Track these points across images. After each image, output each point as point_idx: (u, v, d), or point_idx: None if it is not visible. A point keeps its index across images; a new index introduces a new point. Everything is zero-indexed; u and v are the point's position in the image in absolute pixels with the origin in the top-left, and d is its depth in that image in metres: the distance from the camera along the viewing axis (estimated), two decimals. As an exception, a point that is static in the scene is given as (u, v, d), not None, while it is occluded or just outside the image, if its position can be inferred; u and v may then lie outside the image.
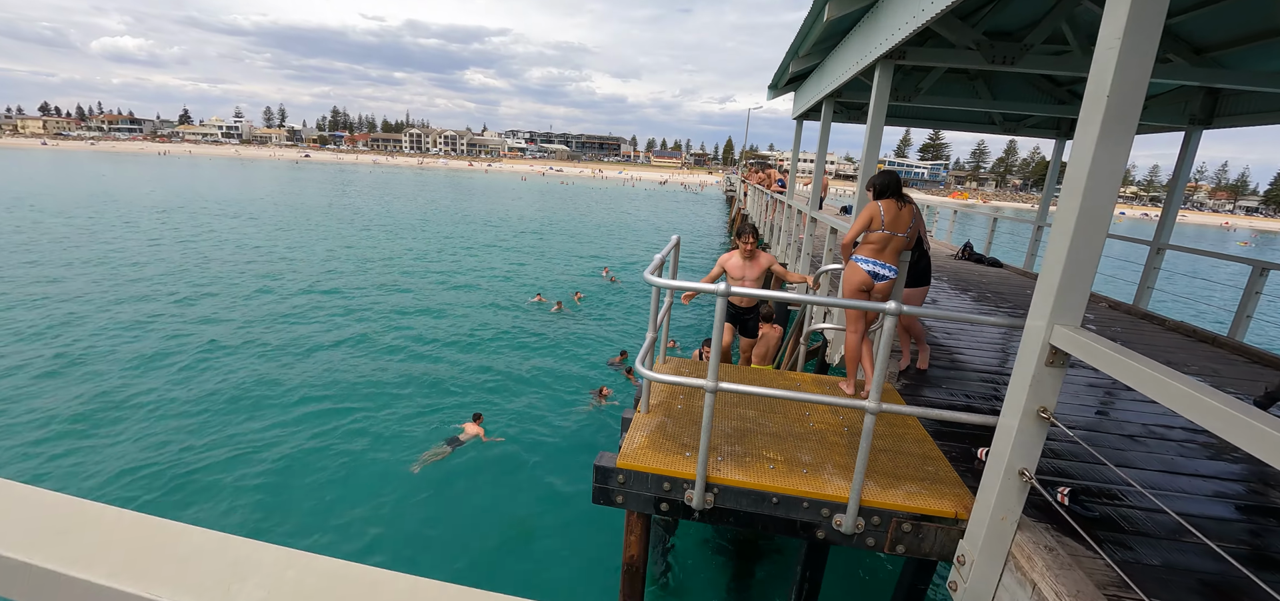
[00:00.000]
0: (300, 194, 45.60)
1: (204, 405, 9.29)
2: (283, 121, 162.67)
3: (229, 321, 13.25)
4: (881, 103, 5.22)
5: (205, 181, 51.40)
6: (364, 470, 7.89)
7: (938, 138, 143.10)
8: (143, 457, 7.73)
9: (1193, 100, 7.47)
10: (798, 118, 10.70)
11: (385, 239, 26.14)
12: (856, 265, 4.00)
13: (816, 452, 3.25)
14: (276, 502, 7.06)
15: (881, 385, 2.70)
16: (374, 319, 14.19)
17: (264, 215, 31.39)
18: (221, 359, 11.10)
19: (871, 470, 3.11)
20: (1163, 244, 7.89)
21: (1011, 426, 2.45)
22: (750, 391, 2.72)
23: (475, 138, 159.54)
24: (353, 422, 9.12)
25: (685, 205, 60.02)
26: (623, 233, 34.43)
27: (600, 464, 3.02)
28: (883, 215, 3.90)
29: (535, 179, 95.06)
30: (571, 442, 9.01)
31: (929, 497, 2.92)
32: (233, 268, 18.45)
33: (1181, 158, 7.72)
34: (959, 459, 3.41)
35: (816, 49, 7.44)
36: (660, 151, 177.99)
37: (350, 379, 10.56)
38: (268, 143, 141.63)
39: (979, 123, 10.86)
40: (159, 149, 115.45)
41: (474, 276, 19.39)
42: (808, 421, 3.63)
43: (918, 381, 4.64)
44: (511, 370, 11.45)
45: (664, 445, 3.19)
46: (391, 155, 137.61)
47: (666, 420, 3.50)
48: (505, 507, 7.35)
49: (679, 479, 2.95)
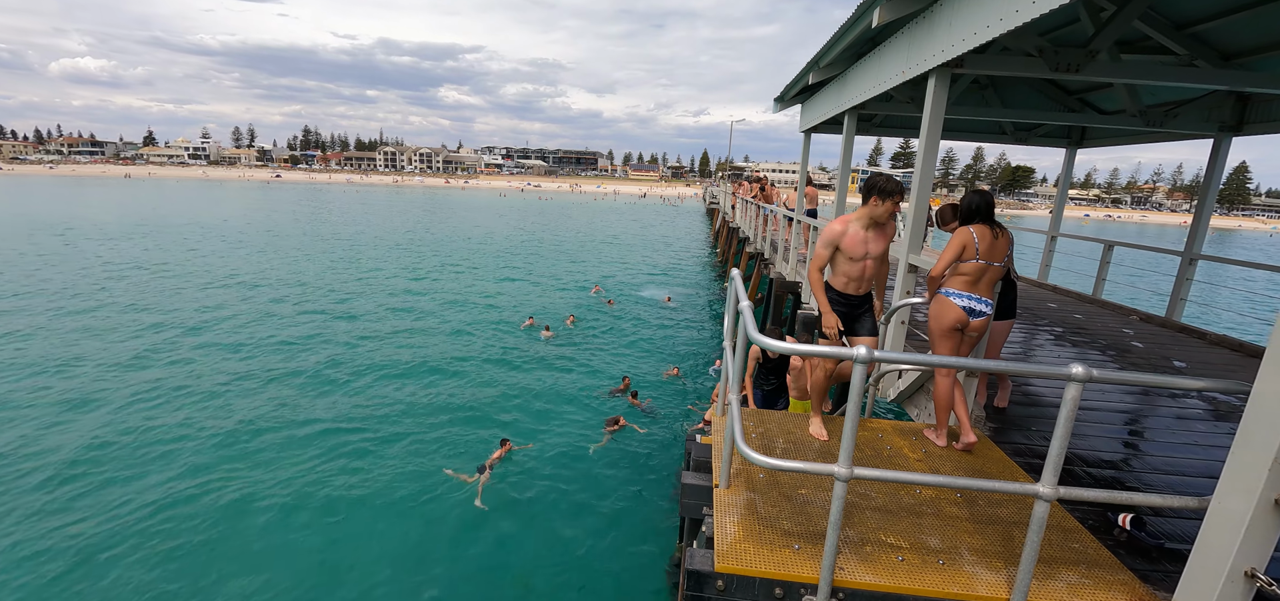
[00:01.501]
0: (271, 216, 44.07)
1: (181, 435, 8.43)
2: (252, 141, 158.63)
3: (192, 360, 12.29)
4: (937, 114, 4.79)
5: (171, 205, 49.39)
6: (346, 513, 7.16)
7: (907, 146, 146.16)
8: (128, 497, 6.88)
9: (1222, 107, 7.25)
10: (806, 131, 10.32)
11: (366, 262, 25.14)
12: (949, 300, 3.51)
13: (943, 534, 2.72)
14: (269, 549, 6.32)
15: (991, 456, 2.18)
16: (355, 348, 13.34)
17: (234, 239, 30.07)
18: (198, 397, 10.18)
19: (1014, 554, 2.59)
20: (1196, 254, 7.64)
21: (1237, 515, 1.96)
22: (896, 478, 2.18)
23: (451, 155, 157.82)
24: (329, 462, 8.35)
25: (667, 218, 59.80)
26: (609, 248, 33.89)
27: (694, 567, 2.44)
28: (977, 243, 3.43)
29: (514, 195, 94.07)
30: (583, 483, 8.36)
31: (1097, 590, 2.41)
32: (191, 295, 17.36)
33: (1212, 164, 7.51)
34: (1096, 527, 2.92)
35: (842, 58, 7.03)
36: (637, 165, 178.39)
37: (327, 414, 9.74)
38: (236, 163, 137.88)
39: (988, 132, 10.63)
40: (123, 171, 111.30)
41: (461, 300, 18.59)
42: (914, 487, 3.10)
43: (1002, 424, 4.17)
44: (508, 403, 10.75)
45: (763, 535, 2.63)
46: (366, 174, 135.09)
47: (754, 496, 2.94)
48: (513, 562, 6.70)
49: (794, 583, 2.39)
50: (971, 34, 3.96)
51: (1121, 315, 8.20)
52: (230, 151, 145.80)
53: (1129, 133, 8.88)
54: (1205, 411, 4.69)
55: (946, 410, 3.62)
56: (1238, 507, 1.97)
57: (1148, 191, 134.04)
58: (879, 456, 3.51)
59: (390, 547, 6.85)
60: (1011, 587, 2.40)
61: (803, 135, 10.67)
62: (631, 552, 7.12)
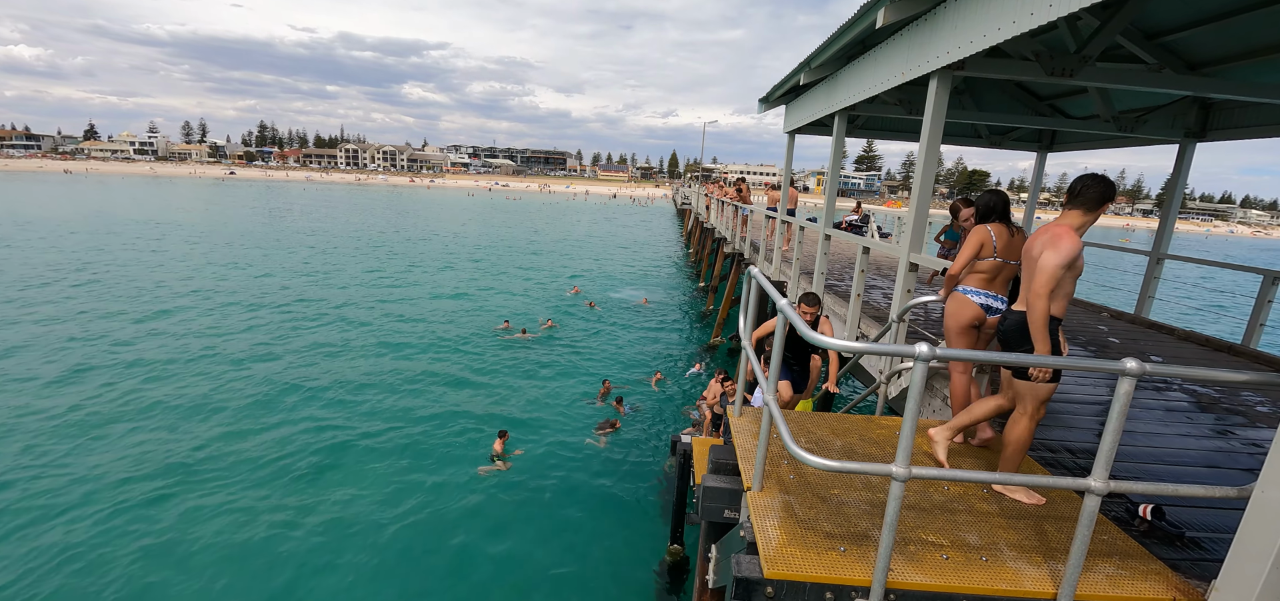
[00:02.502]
0: (223, 215, 42.21)
1: (163, 456, 7.92)
2: (204, 136, 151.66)
3: (163, 372, 11.63)
4: (939, 116, 4.87)
5: (118, 203, 46.77)
6: (327, 523, 6.86)
7: (871, 149, 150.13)
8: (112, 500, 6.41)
9: (1188, 113, 7.61)
10: (791, 132, 10.41)
11: (332, 263, 24.28)
12: (965, 298, 3.55)
13: (979, 531, 2.73)
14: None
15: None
16: (327, 353, 12.85)
17: (190, 240, 28.65)
18: (166, 413, 9.61)
19: (1058, 549, 2.62)
20: (1162, 254, 8.00)
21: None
22: (956, 476, 2.16)
23: (416, 153, 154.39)
24: (302, 473, 8.00)
25: (638, 219, 59.83)
26: (583, 248, 33.66)
27: (743, 575, 2.38)
28: (995, 241, 3.47)
29: (482, 195, 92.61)
30: (573, 487, 8.23)
31: (1134, 582, 2.45)
32: (139, 298, 16.46)
33: (1177, 169, 7.87)
34: (1118, 518, 2.99)
35: (834, 59, 7.10)
36: (606, 165, 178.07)
37: (294, 430, 9.32)
38: (187, 159, 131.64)
39: (964, 136, 10.92)
40: (63, 166, 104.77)
41: (432, 303, 18.13)
42: (942, 484, 3.11)
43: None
44: (489, 409, 10.51)
45: (806, 538, 2.59)
46: (327, 172, 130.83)
47: (789, 498, 2.89)
48: (509, 562, 6.53)
49: (845, 586, 2.36)
50: (981, 36, 4.02)
51: (1093, 312, 8.53)
52: (180, 147, 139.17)
53: (1097, 137, 9.24)
54: (1190, 404, 4.89)
55: (962, 406, 3.65)
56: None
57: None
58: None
59: (384, 552, 6.60)
60: (1054, 581, 2.42)
61: (786, 136, 10.75)
62: (622, 555, 7.04)
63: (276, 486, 7.77)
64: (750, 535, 2.63)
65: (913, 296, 4.86)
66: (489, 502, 7.77)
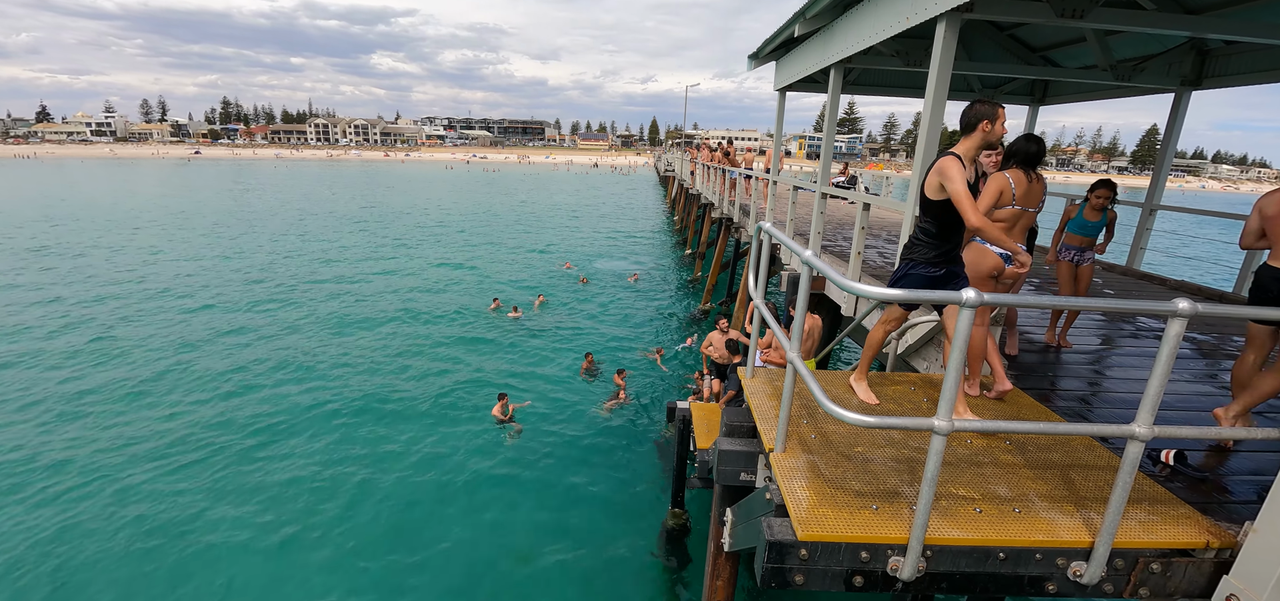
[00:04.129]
0: (196, 199, 40.84)
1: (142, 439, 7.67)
2: (164, 115, 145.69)
3: (136, 349, 11.24)
4: (946, 64, 4.68)
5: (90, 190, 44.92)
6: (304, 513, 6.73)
7: (852, 110, 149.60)
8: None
9: (1184, 61, 7.55)
10: (781, 89, 10.16)
11: (315, 243, 23.61)
12: (984, 248, 3.45)
13: (1008, 483, 2.67)
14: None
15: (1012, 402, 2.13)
16: (312, 336, 12.53)
17: (148, 225, 27.66)
18: (153, 393, 9.29)
19: (1087, 497, 2.57)
20: (1155, 205, 8.02)
21: (1332, 446, 1.95)
22: (1001, 427, 2.07)
23: (389, 126, 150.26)
24: (287, 463, 7.82)
25: (621, 188, 59.20)
26: (568, 220, 33.21)
27: (776, 539, 2.29)
28: (1014, 188, 3.36)
29: (461, 168, 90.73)
30: (575, 457, 8.16)
31: (1166, 526, 2.41)
32: (119, 294, 15.87)
33: (1172, 119, 7.84)
34: (1141, 464, 2.95)
35: (829, 9, 6.87)
36: (586, 134, 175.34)
37: (282, 415, 9.06)
38: (148, 139, 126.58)
39: (957, 90, 10.77)
40: (15, 151, 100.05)
41: (420, 282, 17.73)
42: (965, 437, 3.05)
43: (1017, 370, 4.21)
44: (484, 388, 10.34)
45: (836, 498, 2.50)
46: (297, 148, 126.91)
47: (813, 458, 2.80)
48: (511, 529, 6.47)
49: (881, 545, 2.28)
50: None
51: (1085, 265, 8.57)
52: (140, 126, 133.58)
53: (1091, 87, 9.17)
54: (1191, 351, 4.91)
55: (980, 360, 3.59)
56: (1331, 435, 1.96)
57: (1070, 154, 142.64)
58: (919, 409, 3.46)
59: (379, 527, 6.49)
60: (1089, 530, 2.37)
61: (777, 93, 10.51)
62: (623, 521, 7.03)
63: (280, 479, 7.59)
64: (778, 497, 2.54)
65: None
66: (488, 475, 7.68)
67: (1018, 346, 4.54)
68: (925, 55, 7.64)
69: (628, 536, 6.79)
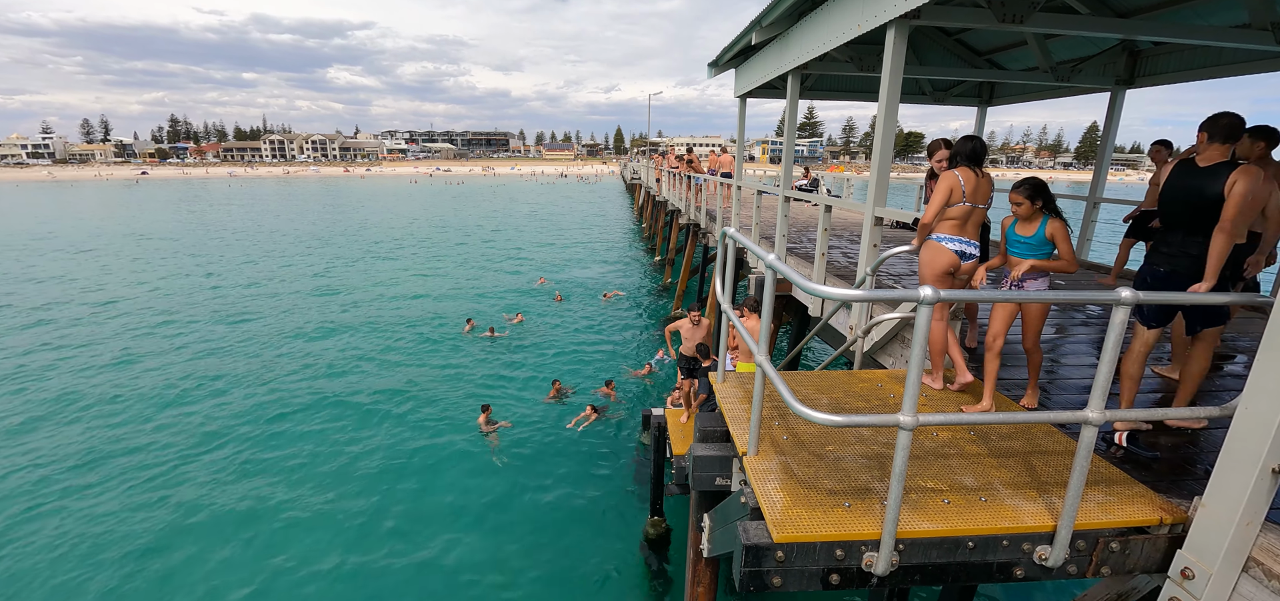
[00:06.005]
0: (146, 219, 39.04)
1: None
2: (107, 134, 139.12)
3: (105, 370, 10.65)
4: (897, 68, 4.82)
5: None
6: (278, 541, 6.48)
7: (811, 115, 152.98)
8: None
9: (1118, 62, 7.97)
10: (742, 96, 10.32)
11: (278, 264, 22.77)
12: (940, 245, 3.55)
13: (973, 473, 2.74)
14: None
15: (998, 388, 2.21)
16: (280, 362, 12.09)
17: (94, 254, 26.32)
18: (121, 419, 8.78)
19: (1048, 482, 2.66)
20: (1098, 198, 8.43)
21: (1265, 416, 2.06)
22: (963, 420, 2.12)
23: (348, 140, 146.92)
24: (258, 482, 7.52)
25: (589, 197, 59.11)
26: (538, 232, 32.92)
27: (752, 543, 2.29)
28: (964, 185, 3.48)
29: (424, 181, 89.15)
30: (554, 472, 8.06)
31: (1123, 506, 2.51)
32: (91, 317, 15.04)
33: (1109, 116, 8.25)
34: (1095, 446, 3.07)
35: (785, 17, 7.01)
36: (551, 144, 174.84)
37: (250, 446, 8.73)
38: (90, 161, 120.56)
39: (909, 92, 11.11)
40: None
41: (389, 304, 17.20)
42: (930, 430, 3.12)
43: (976, 362, 4.34)
44: (465, 407, 10.12)
45: (809, 498, 2.52)
46: (251, 166, 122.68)
47: (786, 459, 2.83)
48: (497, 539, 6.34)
49: (855, 542, 2.31)
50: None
51: (1037, 257, 8.93)
52: (81, 147, 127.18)
53: (1034, 88, 9.59)
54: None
55: (941, 354, 3.69)
56: (1265, 409, 2.08)
57: (1019, 151, 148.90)
58: (885, 404, 3.53)
59: (363, 543, 6.27)
60: (1051, 514, 2.45)
61: (738, 100, 10.67)
62: (604, 532, 6.98)
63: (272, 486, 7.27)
64: (752, 500, 2.55)
65: (879, 251, 4.89)
66: (469, 488, 7.54)
67: (977, 339, 4.69)
68: (878, 60, 7.85)
69: (610, 546, 6.73)
